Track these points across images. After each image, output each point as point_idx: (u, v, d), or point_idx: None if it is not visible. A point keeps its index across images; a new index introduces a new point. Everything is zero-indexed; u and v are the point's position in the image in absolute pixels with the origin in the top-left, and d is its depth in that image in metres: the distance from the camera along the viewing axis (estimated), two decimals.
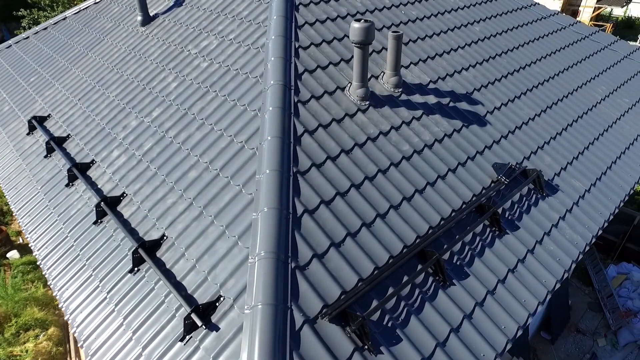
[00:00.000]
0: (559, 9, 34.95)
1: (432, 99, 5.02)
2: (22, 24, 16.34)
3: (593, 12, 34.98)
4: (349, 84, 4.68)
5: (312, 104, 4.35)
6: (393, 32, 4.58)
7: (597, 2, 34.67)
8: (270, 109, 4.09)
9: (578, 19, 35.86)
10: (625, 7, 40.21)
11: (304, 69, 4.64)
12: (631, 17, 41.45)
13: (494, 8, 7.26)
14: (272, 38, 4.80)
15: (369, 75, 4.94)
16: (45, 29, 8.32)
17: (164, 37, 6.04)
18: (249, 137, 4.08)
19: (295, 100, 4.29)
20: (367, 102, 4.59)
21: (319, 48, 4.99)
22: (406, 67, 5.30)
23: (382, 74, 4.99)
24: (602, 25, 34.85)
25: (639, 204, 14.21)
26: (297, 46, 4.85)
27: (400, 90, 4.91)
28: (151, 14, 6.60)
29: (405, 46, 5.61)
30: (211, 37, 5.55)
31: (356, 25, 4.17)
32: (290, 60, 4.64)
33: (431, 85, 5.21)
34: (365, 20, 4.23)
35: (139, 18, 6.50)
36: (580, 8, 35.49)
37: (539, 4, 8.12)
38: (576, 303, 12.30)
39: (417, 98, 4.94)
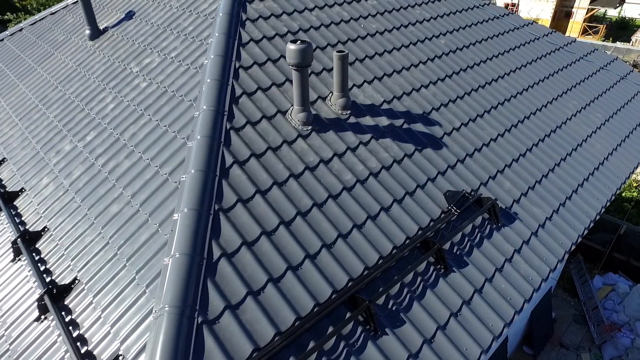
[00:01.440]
0: (552, 10, 34.74)
1: (384, 121, 4.72)
2: (9, 27, 16.12)
3: (586, 14, 34.76)
4: (291, 107, 4.38)
5: (247, 131, 4.04)
6: (338, 51, 4.28)
7: (590, 3, 34.45)
8: (198, 137, 3.79)
9: (571, 20, 35.66)
10: (619, 7, 40.00)
11: (242, 91, 4.34)
12: (625, 17, 41.27)
13: (464, 19, 6.96)
14: (210, 57, 4.49)
15: (314, 97, 4.65)
16: (2, 40, 8.01)
17: (109, 53, 5.73)
18: (174, 169, 3.78)
19: (228, 128, 3.98)
20: (310, 127, 4.29)
21: (262, 68, 4.69)
22: (359, 87, 5.00)
23: (330, 94, 4.70)
24: (596, 27, 34.63)
25: (627, 212, 13.93)
26: (237, 66, 4.55)
27: (348, 112, 4.61)
28: (101, 28, 6.30)
29: (361, 63, 5.31)
30: (154, 54, 5.24)
31: (292, 46, 3.87)
32: (228, 83, 4.33)
33: (385, 106, 4.91)
34: (302, 41, 3.93)
35: (87, 32, 6.20)
36: (573, 9, 35.27)
37: (513, 13, 7.82)
38: (561, 315, 12.02)
39: (367, 120, 4.65)
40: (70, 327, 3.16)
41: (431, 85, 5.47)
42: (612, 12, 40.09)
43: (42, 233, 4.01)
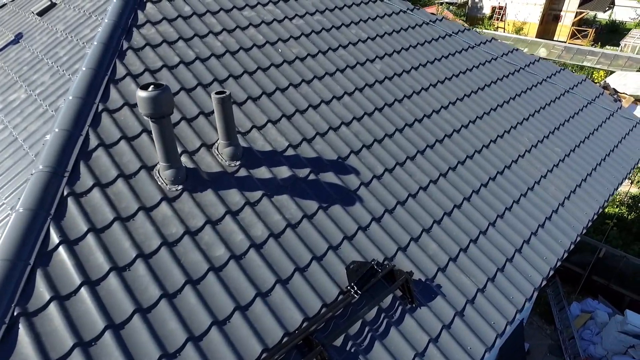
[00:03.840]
0: (540, 13, 34.11)
1: (284, 172, 3.92)
2: None
3: (575, 17, 34.17)
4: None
5: (92, 197, 3.24)
6: (217, 93, 3.49)
7: (579, 6, 33.87)
8: (20, 210, 2.98)
9: (560, 23, 35.06)
10: (609, 11, 39.44)
11: (99, 143, 3.53)
12: (615, 21, 40.72)
13: (408, 38, 6.18)
14: (68, 99, 3.69)
15: (197, 144, 3.85)
16: None
17: None
18: None
19: (66, 194, 3.18)
20: (180, 187, 3.49)
21: (135, 109, 3.89)
22: (260, 128, 4.20)
23: (218, 140, 3.90)
24: (585, 31, 34.00)
25: (606, 232, 13.18)
26: (100, 109, 3.74)
27: (237, 163, 3.81)
28: None
29: (269, 98, 4.51)
30: (22, 89, 4.44)
31: (141, 93, 3.07)
32: (82, 132, 3.53)
33: (289, 152, 4.11)
34: (156, 85, 3.13)
35: None
36: (562, 13, 34.68)
37: (469, 30, 7.05)
38: (536, 345, 11.23)
39: (262, 172, 3.85)
40: None
41: (354, 121, 4.68)
42: (603, 16, 39.54)
43: None
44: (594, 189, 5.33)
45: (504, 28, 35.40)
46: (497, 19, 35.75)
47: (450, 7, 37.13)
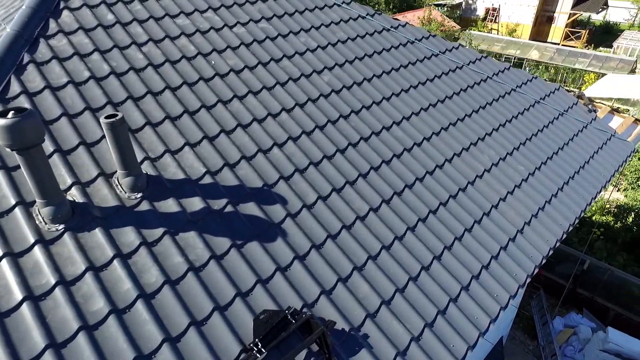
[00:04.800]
0: (534, 15, 33.70)
1: (196, 204, 3.46)
2: None
3: (568, 18, 33.80)
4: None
5: None
6: (106, 117, 3.03)
7: (572, 8, 33.49)
8: None
9: (553, 25, 34.66)
10: (603, 12, 39.08)
11: None
12: (609, 22, 40.37)
13: (363, 47, 5.72)
14: None
15: (93, 174, 3.38)
16: None
17: None
18: None
19: None
20: (62, 226, 3.02)
21: None
22: (174, 153, 3.74)
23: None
24: (578, 32, 33.61)
25: (592, 242, 12.73)
26: None
27: (139, 195, 3.35)
28: None
29: (191, 117, 4.05)
30: None
31: None
32: None
33: (206, 179, 3.65)
34: (18, 110, 2.67)
35: None
36: (555, 14, 34.31)
37: (434, 36, 6.60)
38: None
39: (168, 205, 3.38)
40: None
41: (289, 142, 4.22)
42: (597, 17, 39.17)
43: None
44: (559, 212, 4.88)
45: (498, 30, 35.01)
46: (491, 21, 35.35)
47: (443, 8, 36.72)
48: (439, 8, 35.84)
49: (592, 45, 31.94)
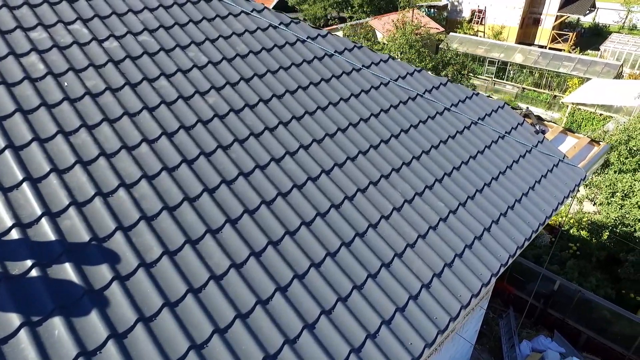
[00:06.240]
0: (520, 17, 33.09)
1: None
2: None
3: (555, 21, 33.24)
4: None
5: None
6: None
7: (559, 10, 32.94)
8: None
9: (540, 27, 34.07)
10: (593, 14, 38.53)
11: None
12: (599, 24, 39.85)
13: (267, 62, 5.00)
14: None
15: None
16: None
17: None
18: None
19: None
20: None
21: None
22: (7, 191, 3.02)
23: None
24: (565, 34, 33.02)
25: (565, 260, 12.03)
26: None
27: None
28: None
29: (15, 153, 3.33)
30: None
31: None
32: None
33: (14, 234, 2.93)
34: None
35: None
36: (542, 16, 33.74)
37: (361, 47, 5.89)
38: None
39: None
40: None
41: (120, 189, 3.44)
42: (587, 18, 38.63)
43: None
44: (481, 260, 4.17)
45: (484, 32, 34.41)
46: (477, 23, 34.76)
47: (432, 10, 36.09)
48: (426, 10, 35.22)
49: (579, 48, 31.38)
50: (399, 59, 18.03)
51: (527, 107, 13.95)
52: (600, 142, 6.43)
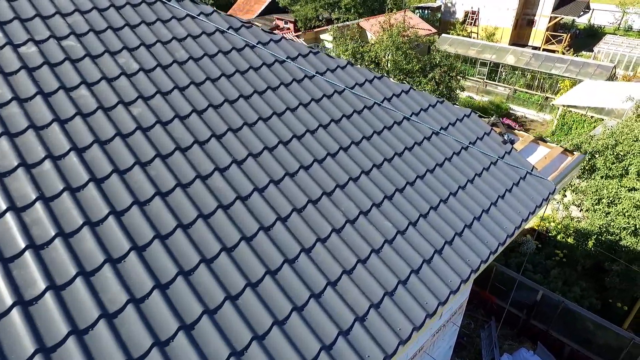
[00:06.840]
0: (514, 18, 32.77)
1: None
2: None
3: (549, 22, 32.94)
4: None
5: None
6: None
7: (553, 11, 32.64)
8: None
9: (534, 28, 33.76)
10: (588, 15, 38.23)
11: None
12: (594, 25, 39.56)
13: (208, 68, 4.64)
14: None
15: None
16: None
17: None
18: None
19: None
20: None
21: None
22: None
23: None
24: (559, 36, 32.69)
25: (549, 268, 11.67)
26: None
27: None
28: None
29: None
30: None
31: None
32: None
33: None
34: None
35: None
36: (535, 18, 33.43)
37: (316, 53, 5.53)
38: None
39: None
40: None
41: (38, 202, 3.13)
42: (582, 20, 38.33)
43: None
44: (429, 287, 3.80)
45: (477, 33, 34.09)
46: (470, 24, 34.43)
47: (426, 11, 35.73)
48: (420, 11, 34.88)
49: (572, 50, 31.07)
50: (387, 61, 17.67)
51: (496, 116, 13.55)
52: (575, 152, 6.08)
